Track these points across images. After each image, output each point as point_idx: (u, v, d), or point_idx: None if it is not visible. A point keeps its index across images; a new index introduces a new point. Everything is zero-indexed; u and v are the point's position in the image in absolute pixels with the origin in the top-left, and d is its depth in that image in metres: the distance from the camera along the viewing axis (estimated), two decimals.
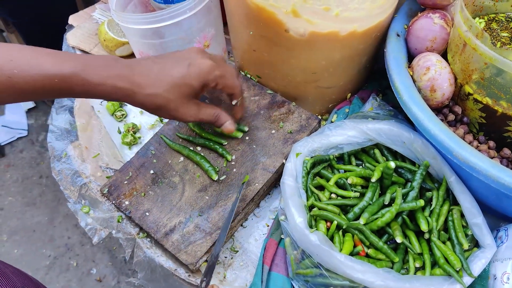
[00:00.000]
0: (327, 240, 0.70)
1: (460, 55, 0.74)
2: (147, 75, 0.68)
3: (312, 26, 0.76)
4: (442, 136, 0.68)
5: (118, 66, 0.66)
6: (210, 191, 0.84)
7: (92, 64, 0.65)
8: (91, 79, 0.64)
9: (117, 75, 0.66)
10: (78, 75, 0.63)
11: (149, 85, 0.67)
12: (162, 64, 0.70)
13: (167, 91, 0.68)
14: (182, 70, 0.69)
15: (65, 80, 0.63)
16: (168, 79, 0.68)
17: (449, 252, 0.71)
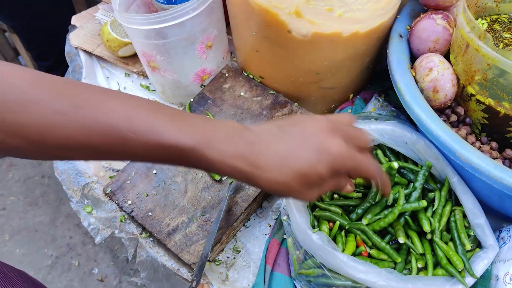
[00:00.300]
0: (330, 241, 0.70)
1: (462, 56, 0.74)
2: (270, 157, 0.58)
3: (315, 27, 0.76)
4: (445, 137, 0.69)
5: (240, 143, 0.58)
6: (212, 191, 0.84)
7: (213, 138, 0.56)
8: (210, 156, 0.56)
9: (238, 154, 0.57)
10: (197, 150, 0.55)
11: (271, 169, 0.58)
12: (288, 145, 0.59)
13: (292, 180, 0.58)
14: (311, 157, 0.58)
15: (183, 153, 0.56)
16: (293, 166, 0.58)
17: (452, 253, 0.71)
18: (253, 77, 0.98)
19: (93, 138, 0.52)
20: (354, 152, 0.60)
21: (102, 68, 1.14)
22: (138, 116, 0.54)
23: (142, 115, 0.55)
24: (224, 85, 0.97)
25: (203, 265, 0.74)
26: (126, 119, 0.53)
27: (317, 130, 0.60)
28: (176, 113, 0.57)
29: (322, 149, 0.58)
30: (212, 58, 0.98)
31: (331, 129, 0.61)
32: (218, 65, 1.01)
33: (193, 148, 0.55)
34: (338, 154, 0.58)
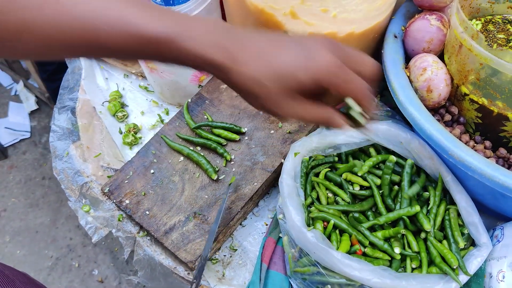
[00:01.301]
0: (324, 239, 0.71)
1: (456, 56, 0.75)
2: (251, 51, 0.54)
3: (310, 28, 0.77)
4: (438, 136, 0.69)
5: (221, 34, 0.54)
6: (209, 190, 0.85)
7: (192, 28, 0.53)
8: (186, 46, 0.53)
9: (217, 45, 0.53)
10: (173, 40, 0.52)
11: (251, 65, 0.54)
12: (273, 44, 0.56)
13: (269, 80, 0.54)
14: (295, 61, 0.54)
15: (157, 44, 0.52)
16: (274, 65, 0.54)
17: (446, 251, 0.72)
18: None
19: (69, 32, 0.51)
20: (346, 69, 0.55)
21: (101, 69, 1.15)
22: (112, 7, 0.52)
23: (116, 6, 0.52)
24: (221, 85, 0.97)
25: (202, 267, 0.75)
26: (100, 12, 0.51)
27: (312, 41, 0.57)
28: (153, 5, 0.55)
29: (309, 56, 0.54)
30: None
31: (328, 41, 0.57)
32: None
33: (168, 37, 0.52)
34: (325, 65, 0.54)
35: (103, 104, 1.06)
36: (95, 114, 1.05)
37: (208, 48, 0.53)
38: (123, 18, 0.51)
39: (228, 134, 0.89)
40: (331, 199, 0.80)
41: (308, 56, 0.54)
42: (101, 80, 1.13)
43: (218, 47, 0.53)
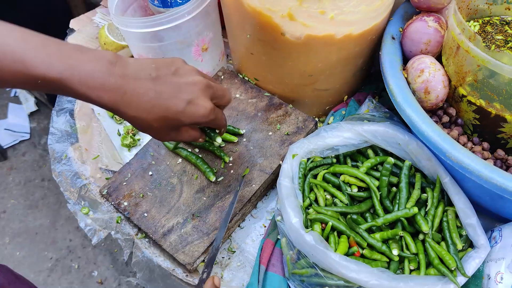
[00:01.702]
0: (322, 240, 0.71)
1: (453, 58, 0.75)
2: (140, 97, 0.61)
3: (308, 29, 0.77)
4: (436, 138, 0.69)
5: (110, 77, 0.59)
6: (207, 192, 0.85)
7: (80, 71, 0.57)
8: (75, 88, 0.58)
9: (106, 89, 0.59)
10: (62, 82, 0.57)
11: (138, 109, 0.62)
12: (160, 91, 0.62)
13: (154, 120, 0.63)
14: (178, 106, 0.63)
15: (49, 83, 0.57)
16: (160, 110, 0.63)
17: (444, 252, 0.72)
18: (248, 79, 0.99)
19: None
20: (217, 111, 0.69)
21: None
22: (7, 44, 0.54)
23: (12, 43, 0.55)
24: None
25: (213, 257, 0.75)
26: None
27: (192, 82, 0.65)
28: (48, 43, 0.57)
29: (191, 101, 0.64)
30: (207, 61, 0.99)
31: (205, 86, 0.66)
32: (213, 68, 1.02)
33: (59, 80, 0.56)
34: (203, 110, 0.65)
35: None
36: (93, 116, 1.05)
37: (94, 91, 0.58)
38: (16, 56, 0.54)
39: (226, 136, 0.89)
40: (329, 200, 0.80)
41: (191, 103, 0.64)
42: None
43: (105, 90, 0.59)
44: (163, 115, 0.63)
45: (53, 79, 0.56)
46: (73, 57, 0.58)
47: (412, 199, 0.77)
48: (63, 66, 0.57)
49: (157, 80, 0.63)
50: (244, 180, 0.84)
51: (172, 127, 0.66)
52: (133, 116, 0.62)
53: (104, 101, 0.60)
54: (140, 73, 0.62)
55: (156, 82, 0.63)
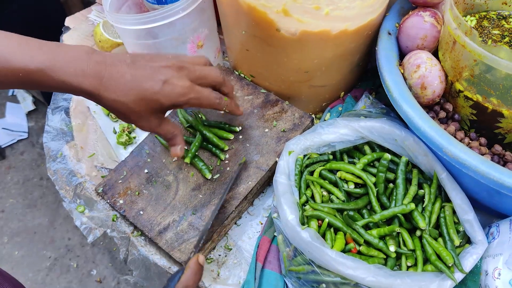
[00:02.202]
0: (319, 237, 0.70)
1: (450, 53, 0.75)
2: (117, 80, 0.65)
3: (303, 25, 0.76)
4: (432, 133, 0.69)
5: (89, 63, 0.63)
6: (203, 189, 0.84)
7: (61, 60, 0.62)
8: (57, 76, 0.61)
9: (85, 74, 0.63)
10: (44, 71, 0.60)
11: (116, 91, 0.65)
12: (136, 73, 0.66)
13: (133, 102, 0.66)
14: (155, 86, 0.66)
15: (31, 75, 0.60)
16: (137, 91, 0.65)
17: (441, 249, 0.71)
18: (244, 76, 0.98)
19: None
20: (198, 89, 0.70)
21: None
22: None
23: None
24: None
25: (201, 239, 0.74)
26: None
27: (166, 65, 0.69)
28: (27, 40, 0.62)
29: (166, 81, 0.67)
30: None
31: (179, 67, 0.69)
32: None
33: (39, 69, 0.60)
34: (180, 88, 0.68)
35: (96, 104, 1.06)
36: (89, 114, 1.04)
37: (75, 77, 0.62)
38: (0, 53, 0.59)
39: (222, 133, 0.88)
40: (325, 197, 0.80)
41: (167, 82, 0.67)
42: None
43: (85, 76, 0.63)
44: (141, 96, 0.66)
45: (35, 70, 0.60)
46: (52, 49, 0.62)
47: (409, 195, 0.77)
48: (44, 57, 0.61)
49: (133, 64, 0.67)
50: (242, 166, 0.84)
51: (153, 111, 0.68)
52: (113, 99, 0.65)
53: (85, 86, 0.63)
54: (116, 60, 0.66)
55: (131, 66, 0.66)
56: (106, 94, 0.65)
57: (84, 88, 0.63)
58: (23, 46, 0.61)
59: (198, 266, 0.64)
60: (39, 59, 0.60)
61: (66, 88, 0.63)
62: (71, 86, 0.63)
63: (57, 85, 0.62)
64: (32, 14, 1.65)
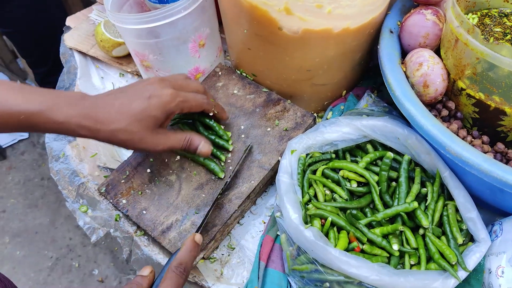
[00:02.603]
0: (322, 236, 0.70)
1: (452, 51, 0.74)
2: (109, 111, 0.69)
3: (305, 24, 0.76)
4: (435, 131, 0.69)
5: (83, 105, 0.68)
6: (206, 189, 0.84)
7: (59, 103, 0.66)
8: (56, 117, 0.65)
9: (82, 114, 0.67)
10: (43, 113, 0.65)
11: (112, 121, 0.68)
12: (123, 99, 0.70)
13: (130, 125, 0.69)
14: (143, 103, 0.70)
15: (31, 117, 0.64)
16: (129, 113, 0.69)
17: (444, 247, 0.71)
18: (246, 75, 0.98)
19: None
20: (184, 94, 0.75)
21: (97, 69, 1.14)
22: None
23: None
24: (217, 83, 0.97)
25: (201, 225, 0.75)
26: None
27: (148, 83, 0.73)
28: (23, 87, 0.67)
29: (152, 95, 0.71)
30: (205, 57, 0.98)
31: (160, 80, 0.74)
32: (211, 64, 1.02)
33: (39, 111, 0.64)
34: (166, 96, 0.72)
35: None
36: None
37: (74, 118, 0.66)
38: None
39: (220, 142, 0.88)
40: (328, 196, 0.80)
41: (152, 96, 0.71)
42: (97, 80, 1.12)
43: (84, 115, 0.67)
44: (133, 118, 0.69)
45: (35, 112, 0.64)
46: (49, 94, 0.67)
47: (412, 194, 0.77)
48: (42, 99, 0.65)
49: (120, 93, 0.72)
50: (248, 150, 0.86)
51: (151, 128, 0.71)
52: (110, 130, 0.69)
53: (84, 124, 0.67)
54: (105, 95, 0.72)
55: (119, 95, 0.71)
56: (103, 128, 0.68)
57: (83, 125, 0.67)
58: (20, 90, 0.65)
59: (194, 244, 0.66)
60: (39, 101, 0.65)
61: (64, 129, 0.67)
62: (70, 126, 0.67)
63: (57, 126, 0.66)
64: (33, 11, 1.64)
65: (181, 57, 0.93)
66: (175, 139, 0.76)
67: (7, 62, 2.53)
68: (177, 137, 0.76)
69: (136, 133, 0.70)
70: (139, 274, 0.64)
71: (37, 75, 1.97)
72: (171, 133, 0.76)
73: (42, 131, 0.68)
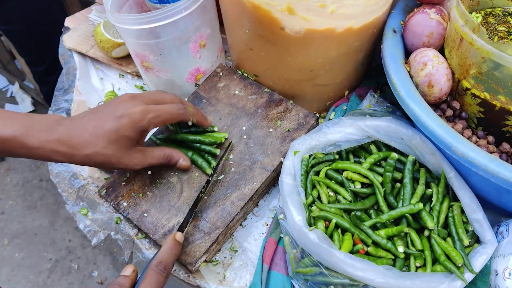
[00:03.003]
0: (326, 238, 0.70)
1: (457, 50, 0.74)
2: (82, 135, 0.69)
3: (308, 23, 0.75)
4: (440, 132, 0.68)
5: (58, 130, 0.68)
6: (208, 191, 0.83)
7: (33, 128, 0.66)
8: (30, 143, 0.65)
9: (56, 139, 0.67)
10: (18, 139, 0.65)
11: (85, 145, 0.69)
12: (96, 121, 0.70)
13: (104, 148, 0.69)
14: (114, 124, 0.70)
15: (5, 143, 0.64)
16: (103, 136, 0.69)
17: (450, 249, 0.70)
18: (247, 75, 0.97)
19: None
20: (153, 107, 0.74)
21: (96, 70, 1.13)
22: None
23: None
24: (218, 84, 0.96)
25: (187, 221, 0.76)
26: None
27: (119, 102, 0.73)
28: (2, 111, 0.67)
29: (122, 115, 0.70)
30: (206, 57, 0.97)
31: (131, 97, 0.73)
32: (212, 64, 1.01)
33: (13, 137, 0.64)
34: (136, 114, 0.71)
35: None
36: None
37: (47, 143, 0.66)
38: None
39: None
40: (332, 197, 0.79)
41: (122, 115, 0.70)
42: (96, 81, 1.11)
43: (58, 140, 0.67)
44: (107, 139, 0.69)
45: (9, 138, 0.64)
46: (24, 119, 0.67)
47: (416, 195, 0.76)
48: (17, 125, 0.65)
49: (93, 115, 0.71)
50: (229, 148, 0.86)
51: (126, 147, 0.72)
52: (85, 155, 0.69)
53: (59, 150, 0.67)
54: (80, 117, 0.71)
55: (92, 117, 0.71)
56: (78, 152, 0.68)
57: (57, 151, 0.67)
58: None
59: (175, 242, 0.67)
60: (13, 127, 0.65)
61: (39, 154, 0.67)
62: (44, 151, 0.67)
63: (30, 152, 0.67)
64: (32, 9, 1.63)
65: (182, 57, 0.92)
66: (153, 156, 0.77)
67: (4, 63, 2.52)
68: (155, 154, 0.78)
69: (112, 155, 0.71)
70: (121, 274, 0.63)
71: (35, 74, 1.96)
72: (149, 151, 0.77)
73: (17, 156, 0.68)
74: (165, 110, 0.75)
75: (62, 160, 0.69)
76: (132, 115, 0.71)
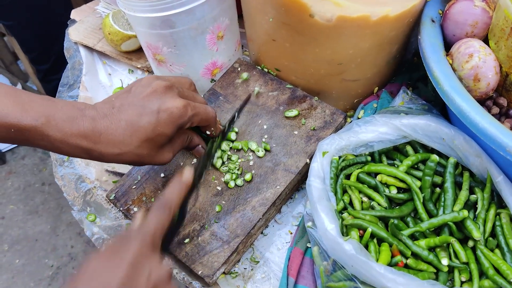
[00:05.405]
0: (363, 249, 0.62)
1: (506, 41, 0.66)
2: (114, 132, 0.60)
3: (340, 10, 0.68)
4: (493, 130, 0.60)
5: (84, 122, 0.59)
6: (227, 195, 0.76)
7: (56, 117, 0.58)
8: (53, 135, 0.57)
9: (82, 133, 0.59)
10: (38, 129, 0.57)
11: (117, 144, 0.61)
12: (128, 114, 0.61)
13: (139, 147, 0.62)
14: (152, 119, 0.61)
15: (23, 132, 0.56)
16: (137, 133, 0.61)
17: (500, 262, 0.63)
18: (268, 70, 0.90)
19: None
20: (194, 105, 0.65)
21: (104, 65, 1.06)
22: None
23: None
24: (236, 80, 0.89)
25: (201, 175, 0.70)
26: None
27: (153, 91, 0.63)
28: (18, 93, 0.58)
29: (160, 110, 0.62)
30: (223, 50, 0.90)
31: (164, 88, 0.64)
32: (229, 58, 0.93)
33: (33, 127, 0.56)
34: (176, 110, 0.62)
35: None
36: None
37: (71, 138, 0.58)
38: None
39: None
40: (365, 203, 0.71)
41: (159, 110, 0.62)
42: (104, 76, 1.05)
43: (83, 135, 0.59)
44: (143, 138, 0.62)
45: (28, 127, 0.56)
46: (45, 105, 0.58)
47: (459, 201, 0.68)
48: (37, 113, 0.57)
49: (122, 107, 0.62)
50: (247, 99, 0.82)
51: (161, 145, 0.65)
52: (117, 154, 0.61)
53: (83, 146, 0.59)
54: (106, 110, 0.62)
55: (122, 110, 0.62)
56: (108, 150, 0.61)
57: (82, 147, 0.59)
58: (12, 98, 0.57)
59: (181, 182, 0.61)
60: (33, 116, 0.57)
61: (59, 148, 0.59)
62: (67, 146, 0.59)
63: (51, 145, 0.59)
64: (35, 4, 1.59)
65: (197, 50, 0.85)
66: (178, 143, 0.69)
67: (7, 64, 2.48)
68: (179, 140, 0.69)
69: (146, 155, 0.64)
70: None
71: (39, 72, 1.91)
72: (175, 140, 0.68)
73: (35, 146, 0.60)
74: (203, 110, 0.68)
75: (84, 157, 0.61)
76: (172, 110, 0.62)
